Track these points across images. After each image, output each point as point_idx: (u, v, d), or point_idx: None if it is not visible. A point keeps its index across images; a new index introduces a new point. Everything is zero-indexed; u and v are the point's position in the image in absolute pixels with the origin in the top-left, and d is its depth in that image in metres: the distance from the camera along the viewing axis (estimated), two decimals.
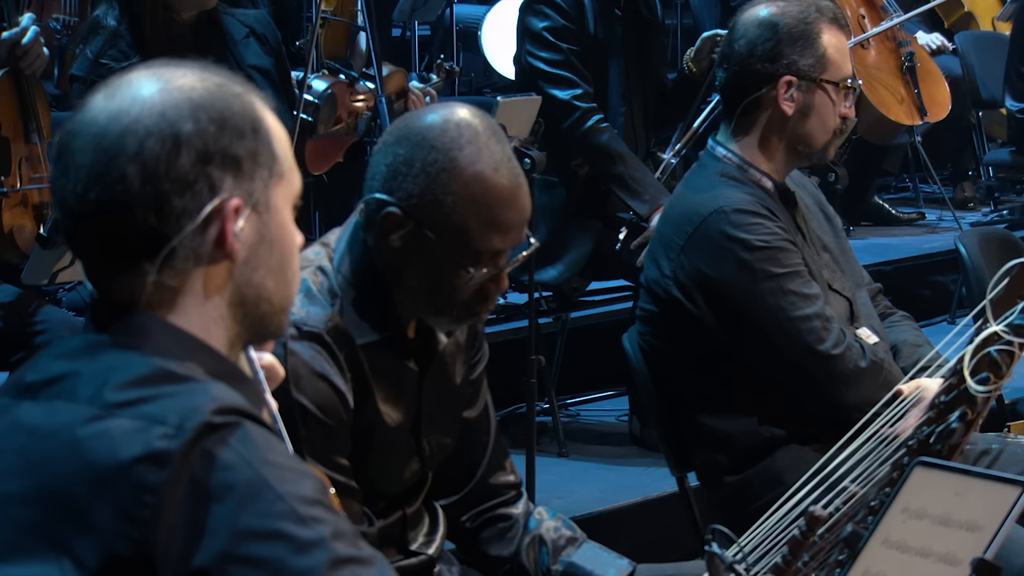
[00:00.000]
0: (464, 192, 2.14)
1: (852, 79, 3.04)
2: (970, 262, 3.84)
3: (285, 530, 1.39)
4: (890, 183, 7.96)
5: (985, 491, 1.68)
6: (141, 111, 1.49)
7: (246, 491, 1.38)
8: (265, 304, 1.55)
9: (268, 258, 1.54)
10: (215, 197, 1.49)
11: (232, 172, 1.50)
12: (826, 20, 3.02)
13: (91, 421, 1.41)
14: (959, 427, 2.01)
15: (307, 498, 1.41)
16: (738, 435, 2.99)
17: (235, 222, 1.50)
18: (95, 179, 1.48)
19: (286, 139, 1.59)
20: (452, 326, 2.31)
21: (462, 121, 2.17)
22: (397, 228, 2.18)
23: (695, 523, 3.13)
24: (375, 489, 2.28)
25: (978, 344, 2.00)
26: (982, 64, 7.23)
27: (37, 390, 1.49)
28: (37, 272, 3.28)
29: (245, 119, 1.53)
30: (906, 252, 6.57)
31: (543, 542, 2.46)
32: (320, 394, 2.15)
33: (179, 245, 1.48)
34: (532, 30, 4.65)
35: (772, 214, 2.98)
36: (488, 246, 2.17)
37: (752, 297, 2.92)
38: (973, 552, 1.62)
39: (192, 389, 1.44)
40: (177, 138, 1.47)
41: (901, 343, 3.16)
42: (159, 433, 1.39)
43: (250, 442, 1.41)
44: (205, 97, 1.51)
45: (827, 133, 3.04)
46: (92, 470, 1.39)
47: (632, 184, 4.51)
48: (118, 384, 1.43)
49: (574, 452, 4.73)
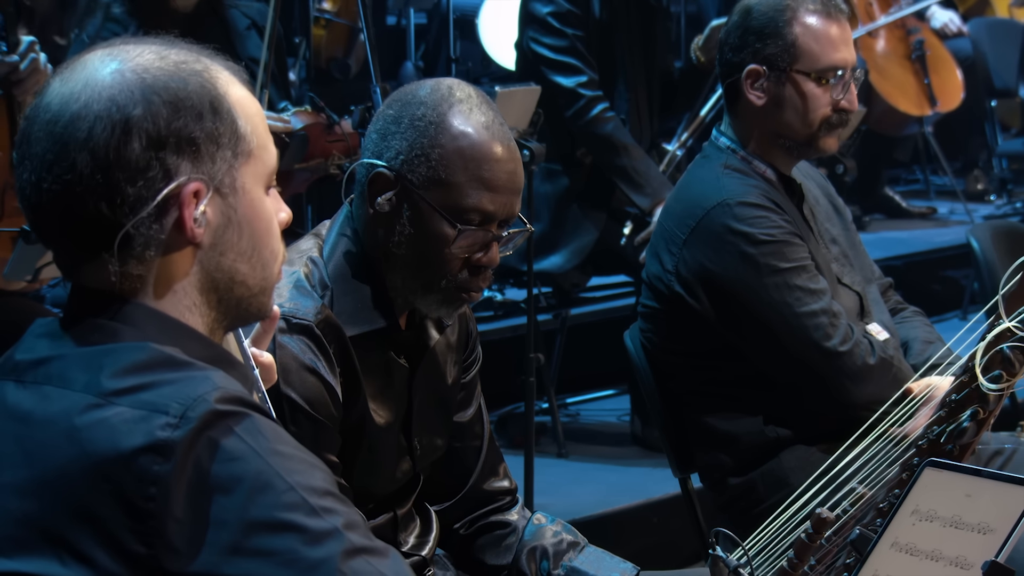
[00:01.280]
0: (452, 145, 2.13)
1: (842, 69, 2.96)
2: (982, 256, 3.82)
3: (297, 521, 1.37)
4: (900, 175, 7.92)
5: (997, 492, 1.68)
6: (91, 95, 1.45)
7: (255, 482, 1.37)
8: (240, 287, 1.52)
9: (237, 241, 1.50)
10: (170, 183, 1.45)
11: (189, 155, 1.46)
12: (807, 8, 2.95)
13: (89, 410, 1.39)
14: (971, 426, 2.00)
15: (318, 488, 1.40)
16: (742, 435, 2.95)
17: (194, 207, 1.46)
18: (47, 168, 1.45)
19: (258, 114, 1.54)
20: (442, 308, 2.25)
21: (454, 84, 2.19)
22: (385, 189, 2.16)
23: (699, 526, 3.09)
24: (365, 489, 2.24)
25: (990, 341, 2.00)
26: (995, 52, 7.19)
27: (22, 371, 1.46)
28: (20, 268, 3.22)
29: (203, 98, 1.47)
30: (917, 246, 6.56)
31: (544, 549, 2.43)
32: (309, 388, 2.11)
33: (135, 233, 1.45)
34: (536, 15, 4.61)
35: (777, 207, 2.93)
36: (476, 204, 2.14)
37: (757, 292, 2.88)
38: (985, 555, 1.63)
39: (193, 376, 1.41)
40: (127, 123, 1.44)
41: (912, 339, 3.12)
42: (161, 422, 1.37)
43: (258, 432, 1.39)
44: (159, 77, 1.47)
45: (809, 125, 2.96)
46: (93, 461, 1.37)
47: (634, 176, 4.48)
48: (114, 370, 1.41)
49: (574, 453, 4.72)
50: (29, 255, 3.17)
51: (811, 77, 2.94)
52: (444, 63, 6.82)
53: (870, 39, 6.57)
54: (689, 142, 4.90)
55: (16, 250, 3.20)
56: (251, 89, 1.56)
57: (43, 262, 3.19)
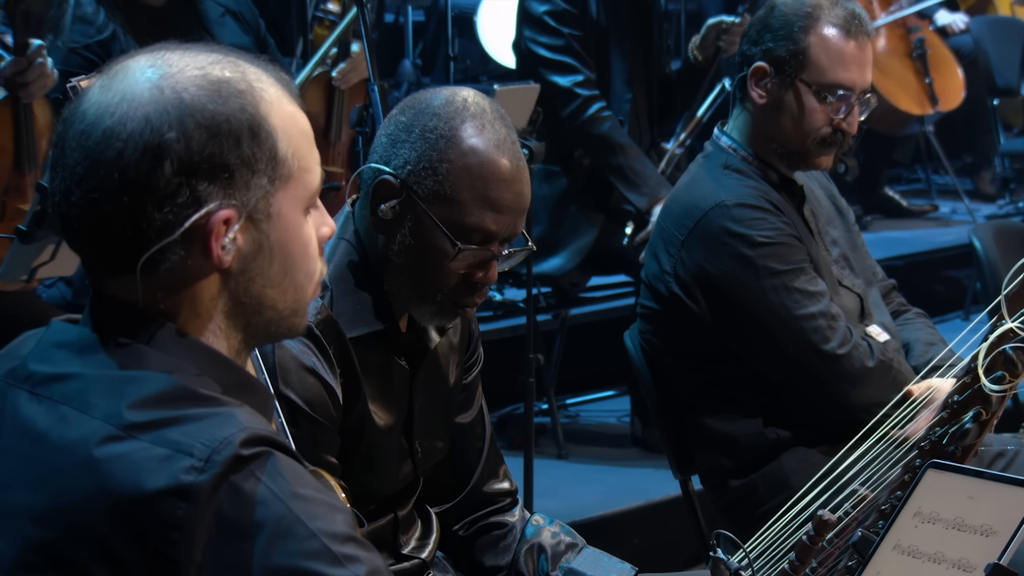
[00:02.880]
0: (461, 162, 2.10)
1: (846, 90, 2.89)
2: (985, 256, 3.80)
3: (319, 570, 1.35)
4: (901, 174, 7.90)
5: (1000, 494, 1.68)
6: (127, 111, 1.41)
7: (276, 528, 1.35)
8: (268, 311, 1.48)
9: (267, 267, 1.46)
10: (199, 209, 1.41)
11: (222, 182, 1.42)
12: (829, 20, 2.91)
13: (109, 441, 1.36)
14: (973, 428, 1.99)
15: (339, 535, 1.38)
16: (742, 437, 2.94)
17: (223, 234, 1.42)
18: (76, 182, 1.42)
19: (303, 133, 1.49)
20: (436, 319, 2.24)
21: (469, 97, 2.16)
22: (389, 197, 2.14)
23: (699, 528, 3.08)
24: (367, 490, 2.23)
25: (993, 341, 1.99)
26: (997, 50, 7.16)
27: (37, 383, 1.43)
28: (16, 268, 3.20)
29: (241, 122, 1.43)
30: (918, 246, 6.54)
31: (542, 549, 2.42)
32: (309, 389, 2.10)
33: (161, 257, 1.41)
34: (533, 14, 4.59)
35: (776, 208, 2.91)
36: (479, 223, 2.12)
37: (754, 295, 2.86)
38: (988, 558, 1.63)
39: (217, 414, 1.38)
40: (159, 147, 1.39)
41: (914, 341, 3.10)
42: (186, 465, 1.34)
43: (279, 475, 1.36)
44: (198, 97, 1.42)
45: (802, 137, 2.92)
46: (113, 497, 1.34)
47: (631, 176, 4.47)
48: (135, 401, 1.38)
49: (574, 454, 4.71)
50: (25, 255, 3.15)
51: (812, 90, 2.90)
52: (442, 61, 6.80)
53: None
54: (688, 141, 4.89)
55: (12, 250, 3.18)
56: (300, 103, 1.50)
57: (39, 262, 3.17)
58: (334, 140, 4.60)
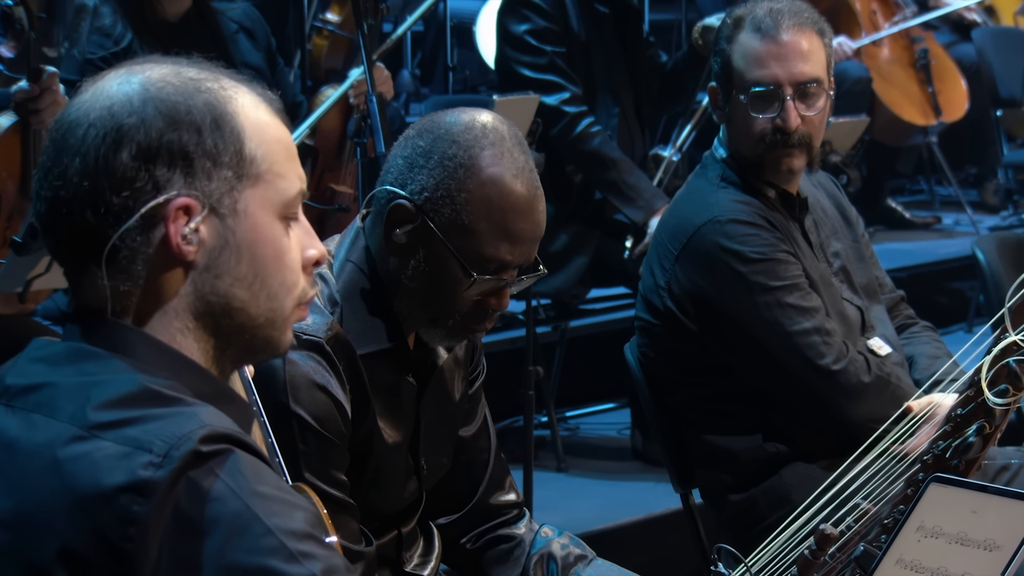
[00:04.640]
0: (479, 192, 2.08)
1: (765, 85, 2.84)
2: (988, 268, 3.78)
3: (273, 567, 1.34)
4: (904, 185, 7.89)
5: (1004, 509, 1.69)
6: (92, 104, 1.44)
7: (233, 524, 1.34)
8: (239, 315, 1.47)
9: (235, 266, 1.46)
10: (158, 195, 1.42)
11: (182, 170, 1.43)
12: (744, 25, 2.88)
13: (72, 442, 1.36)
14: (976, 441, 1.99)
15: (297, 532, 1.37)
16: (741, 452, 2.92)
17: (183, 223, 1.43)
18: (45, 174, 1.45)
19: (279, 141, 1.49)
20: (445, 341, 2.24)
21: (489, 123, 2.13)
22: (404, 222, 2.12)
23: (700, 542, 3.06)
24: (372, 507, 2.22)
25: (996, 354, 1.99)
26: (1001, 61, 7.14)
27: (13, 396, 1.44)
28: (11, 280, 3.19)
29: (204, 113, 1.44)
30: (921, 258, 6.52)
31: (552, 558, 2.40)
32: (319, 406, 2.08)
33: (121, 246, 1.42)
34: (512, 34, 4.52)
35: (770, 224, 2.89)
36: (495, 254, 2.10)
37: (748, 311, 2.85)
38: (991, 572, 1.64)
39: (179, 413, 1.38)
40: (119, 131, 1.42)
41: (918, 355, 3.09)
42: (144, 461, 1.34)
43: (238, 472, 1.36)
44: (163, 89, 1.44)
45: (752, 144, 2.89)
46: (72, 495, 1.35)
47: (625, 190, 4.43)
48: (100, 403, 1.38)
49: (574, 467, 4.69)
50: (20, 266, 3.15)
51: (741, 98, 2.88)
52: (441, 71, 6.78)
53: (874, 48, 6.55)
54: (685, 146, 4.86)
55: (7, 261, 3.17)
56: (283, 119, 1.51)
57: (34, 274, 3.16)
58: (347, 160, 4.56)
